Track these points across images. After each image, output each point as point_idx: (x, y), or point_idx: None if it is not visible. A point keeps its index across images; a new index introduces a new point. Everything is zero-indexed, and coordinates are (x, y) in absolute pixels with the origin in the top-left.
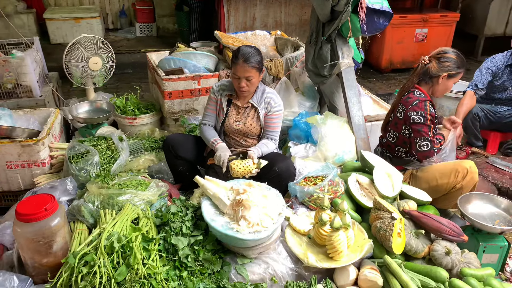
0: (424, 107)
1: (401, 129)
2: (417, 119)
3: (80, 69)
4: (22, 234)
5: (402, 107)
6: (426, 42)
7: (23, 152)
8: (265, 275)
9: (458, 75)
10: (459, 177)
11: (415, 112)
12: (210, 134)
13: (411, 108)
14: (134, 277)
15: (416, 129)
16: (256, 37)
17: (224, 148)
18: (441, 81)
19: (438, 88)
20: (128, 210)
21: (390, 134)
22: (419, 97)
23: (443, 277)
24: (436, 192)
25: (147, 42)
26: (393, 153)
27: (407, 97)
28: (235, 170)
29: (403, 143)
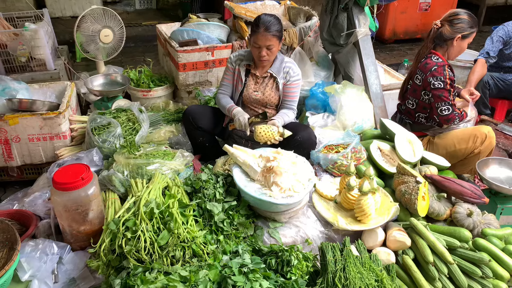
0: (443, 71)
1: (420, 95)
2: (437, 84)
3: (91, 42)
4: (61, 203)
5: (420, 73)
6: (430, 12)
7: (44, 125)
8: (297, 237)
9: (472, 35)
10: (478, 142)
11: (435, 78)
12: (226, 101)
13: (430, 74)
14: (176, 241)
15: (437, 94)
16: (265, 7)
17: (241, 111)
18: (456, 42)
19: (453, 50)
20: (158, 178)
21: (409, 101)
22: (437, 62)
23: (466, 237)
24: (453, 157)
25: (147, 15)
26: (413, 119)
27: (425, 63)
28: (258, 133)
29: (423, 109)
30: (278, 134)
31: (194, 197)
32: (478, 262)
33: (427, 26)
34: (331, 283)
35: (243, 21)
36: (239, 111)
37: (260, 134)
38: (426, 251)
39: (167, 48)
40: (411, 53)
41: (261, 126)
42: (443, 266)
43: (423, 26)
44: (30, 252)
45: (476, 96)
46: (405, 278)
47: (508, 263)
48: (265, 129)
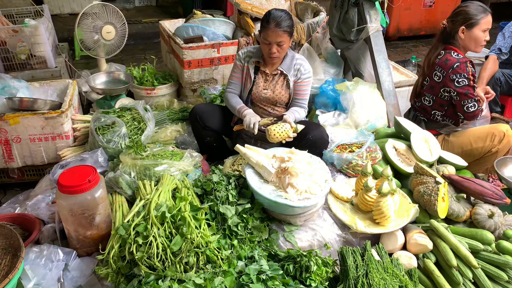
0: (466, 68)
1: (438, 92)
2: (462, 81)
3: (93, 39)
4: (67, 207)
5: (440, 69)
6: (434, 8)
7: (46, 124)
8: (313, 241)
9: (480, 22)
10: (496, 140)
11: (458, 75)
12: (236, 102)
13: (452, 71)
14: (190, 247)
15: (463, 92)
16: (270, 2)
17: (253, 113)
18: (463, 35)
19: (465, 43)
20: (167, 180)
21: (426, 98)
22: (458, 58)
23: (489, 239)
24: (469, 156)
25: (147, 12)
26: (428, 117)
27: (445, 59)
28: (272, 134)
29: (440, 106)
30: (292, 130)
31: (205, 199)
32: (503, 266)
33: (431, 22)
34: None
35: (248, 17)
36: (250, 113)
37: (273, 135)
38: (449, 254)
39: (171, 45)
40: (415, 50)
41: (273, 127)
42: (467, 270)
43: (427, 22)
44: (35, 259)
45: (491, 95)
46: (427, 282)
47: None
48: (278, 128)
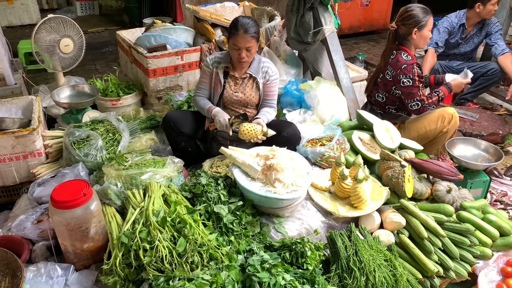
0: (412, 69)
1: (390, 89)
2: (406, 82)
3: (50, 52)
4: (62, 222)
5: (391, 69)
6: (370, 6)
7: (17, 143)
8: (301, 230)
9: (428, 23)
10: (445, 122)
11: (404, 75)
12: (204, 103)
13: (400, 71)
14: (194, 246)
15: (406, 91)
16: (225, 9)
17: (221, 112)
18: (415, 36)
19: (417, 43)
20: (156, 187)
21: (379, 94)
22: (407, 60)
23: (450, 211)
24: (425, 138)
25: (92, 22)
26: (384, 110)
27: (396, 60)
28: (242, 131)
29: (392, 102)
30: (261, 133)
31: (196, 201)
32: (464, 232)
33: (368, 20)
34: (346, 267)
35: (208, 24)
36: (219, 112)
37: (244, 132)
38: (420, 228)
39: (133, 55)
40: (357, 47)
41: (246, 124)
42: (436, 239)
43: (366, 20)
44: (33, 277)
45: None
46: (404, 255)
47: (490, 230)
48: (250, 127)
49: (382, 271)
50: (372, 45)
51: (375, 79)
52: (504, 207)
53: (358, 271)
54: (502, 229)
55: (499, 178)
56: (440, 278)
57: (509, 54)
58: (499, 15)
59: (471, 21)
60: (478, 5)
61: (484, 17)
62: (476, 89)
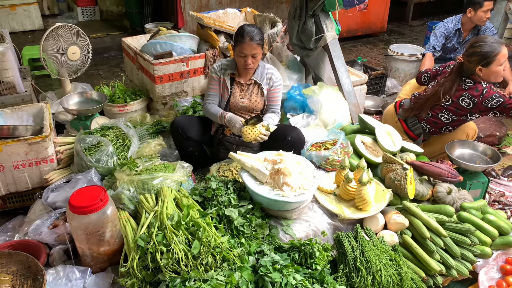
0: (492, 90)
1: (463, 115)
2: (496, 102)
3: (58, 60)
4: (81, 227)
5: (469, 97)
6: (368, 10)
7: (30, 150)
8: (309, 231)
9: (495, 59)
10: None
11: (490, 98)
12: (216, 109)
13: (483, 98)
14: (208, 249)
15: (503, 108)
16: (227, 15)
17: (234, 117)
18: (481, 73)
19: (487, 78)
20: (167, 192)
21: (444, 115)
22: (484, 86)
23: (451, 212)
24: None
25: (93, 27)
26: (436, 129)
27: (475, 88)
28: (245, 133)
29: (458, 123)
30: (264, 128)
31: (207, 205)
32: (465, 232)
33: (366, 24)
34: (353, 267)
35: (212, 31)
36: (232, 118)
37: (247, 134)
38: (423, 228)
39: (139, 62)
40: (355, 50)
41: (246, 126)
42: (438, 239)
43: (363, 24)
44: (53, 280)
45: None
46: (408, 254)
47: (489, 230)
48: (250, 128)
49: (388, 270)
50: (370, 48)
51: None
52: (502, 207)
53: (365, 270)
54: (501, 228)
55: (496, 178)
56: (443, 276)
57: None
58: (495, 20)
59: (466, 26)
60: (469, 10)
61: (476, 23)
62: None
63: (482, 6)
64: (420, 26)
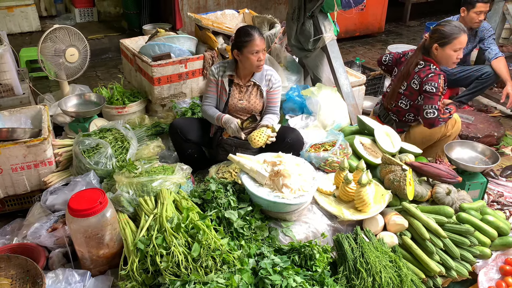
0: (438, 79)
1: (416, 98)
2: (430, 88)
3: (57, 62)
4: (80, 230)
5: (417, 78)
6: (365, 11)
7: (28, 153)
8: (308, 233)
9: (451, 43)
10: (449, 126)
11: (429, 83)
12: (213, 111)
13: (426, 79)
14: (208, 251)
15: (428, 96)
16: (225, 16)
17: (231, 118)
18: (436, 51)
19: (438, 59)
20: (167, 194)
21: (402, 102)
22: (434, 70)
23: (450, 213)
24: (427, 142)
25: (91, 28)
26: (401, 118)
27: (423, 70)
28: (254, 139)
29: (416, 110)
30: (270, 130)
31: (206, 207)
32: (465, 233)
33: (364, 24)
34: (353, 269)
35: (210, 32)
36: (229, 119)
37: (256, 140)
38: (422, 229)
39: (137, 63)
40: (353, 51)
41: (253, 133)
42: (438, 240)
43: (361, 24)
44: (52, 284)
45: None
46: (407, 255)
47: (488, 231)
48: (258, 133)
49: (388, 271)
50: (368, 48)
51: (398, 86)
52: (501, 207)
53: (365, 272)
54: (500, 229)
55: (495, 179)
56: (442, 277)
57: (501, 58)
58: (492, 20)
59: None
60: (462, 10)
61: (468, 24)
62: (471, 92)
63: (474, 7)
64: (417, 27)
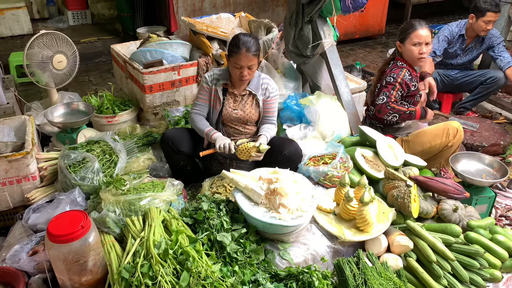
0: (399, 72)
1: None
2: (388, 79)
3: (43, 69)
4: (60, 256)
5: (385, 76)
6: (365, 13)
7: (10, 168)
8: (307, 256)
9: (409, 37)
10: (450, 136)
11: (390, 74)
12: (203, 124)
13: (389, 71)
14: (198, 281)
15: (383, 85)
16: (221, 20)
17: (222, 137)
18: (400, 49)
19: (405, 55)
20: (156, 214)
21: None
22: (399, 65)
23: (458, 232)
24: (429, 153)
25: (84, 31)
26: (383, 123)
27: (392, 68)
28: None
29: None
30: (254, 150)
31: (198, 228)
32: (474, 255)
33: (364, 26)
34: None
35: (204, 37)
36: (220, 137)
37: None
38: (429, 251)
39: (128, 70)
40: (352, 54)
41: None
42: (445, 263)
43: (361, 26)
44: None
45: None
46: (413, 279)
47: (499, 252)
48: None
49: None
50: (368, 51)
51: (373, 89)
52: (510, 222)
53: None
54: (511, 249)
55: (502, 191)
56: None
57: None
58: (498, 23)
59: (469, 32)
60: (471, 16)
61: (475, 31)
62: (476, 97)
63: (484, 15)
64: None
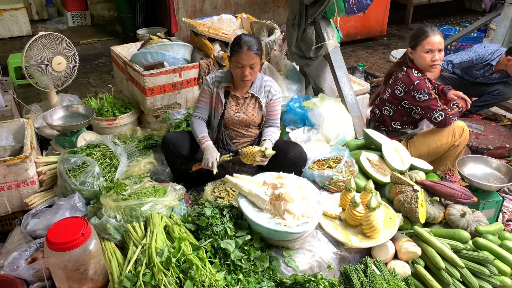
0: (425, 84)
1: (399, 103)
2: (423, 97)
3: (42, 71)
4: (59, 265)
5: (402, 85)
6: (367, 14)
7: (8, 172)
8: (313, 263)
9: (420, 44)
10: (456, 135)
11: (419, 91)
12: (199, 130)
13: (413, 88)
14: None
15: (426, 106)
16: (222, 21)
17: (211, 148)
18: (411, 56)
19: (416, 64)
20: (157, 220)
21: (386, 108)
22: (418, 76)
23: (466, 238)
24: (435, 153)
25: (83, 32)
26: (388, 127)
27: (406, 75)
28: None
29: (400, 116)
30: (260, 154)
31: (201, 234)
32: (483, 261)
33: (366, 27)
34: None
35: (206, 39)
36: (209, 147)
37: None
38: (437, 258)
39: (128, 72)
40: (354, 55)
41: (246, 148)
42: (454, 270)
43: (363, 27)
44: None
45: None
46: (420, 286)
47: (509, 258)
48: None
49: None
50: (370, 52)
51: (381, 93)
52: None
53: None
54: None
55: (509, 195)
56: None
57: None
58: (502, 25)
59: (500, 66)
60: (509, 59)
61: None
62: (480, 105)
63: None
64: None
